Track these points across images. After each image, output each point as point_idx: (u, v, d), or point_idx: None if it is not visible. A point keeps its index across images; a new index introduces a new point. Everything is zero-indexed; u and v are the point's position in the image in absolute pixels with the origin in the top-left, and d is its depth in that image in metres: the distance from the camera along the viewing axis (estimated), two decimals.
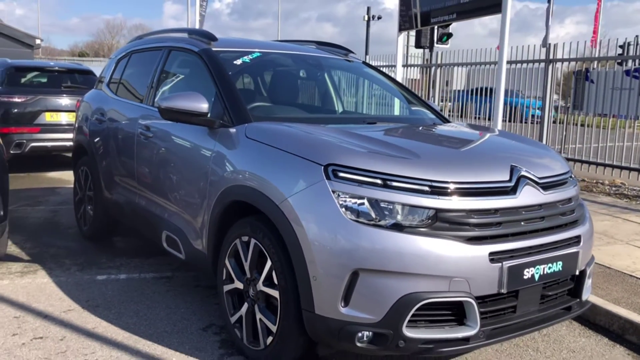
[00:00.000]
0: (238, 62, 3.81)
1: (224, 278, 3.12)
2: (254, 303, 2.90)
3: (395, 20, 8.91)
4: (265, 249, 2.79)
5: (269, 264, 2.77)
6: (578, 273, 2.89)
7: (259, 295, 2.86)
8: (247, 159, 3.06)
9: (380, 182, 2.53)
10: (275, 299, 2.74)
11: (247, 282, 2.95)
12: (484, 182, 2.67)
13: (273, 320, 2.78)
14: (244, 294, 2.98)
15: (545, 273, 2.69)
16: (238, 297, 3.06)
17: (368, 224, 2.47)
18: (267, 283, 2.81)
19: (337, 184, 2.54)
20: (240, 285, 3.00)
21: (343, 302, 2.48)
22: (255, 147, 3.02)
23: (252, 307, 2.92)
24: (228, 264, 3.07)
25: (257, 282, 2.86)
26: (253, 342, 2.93)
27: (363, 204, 2.50)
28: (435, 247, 2.44)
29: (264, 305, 2.85)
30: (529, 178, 2.77)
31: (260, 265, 2.84)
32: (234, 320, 3.06)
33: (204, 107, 3.24)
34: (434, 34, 12.38)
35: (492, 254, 2.52)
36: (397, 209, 2.50)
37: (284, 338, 2.75)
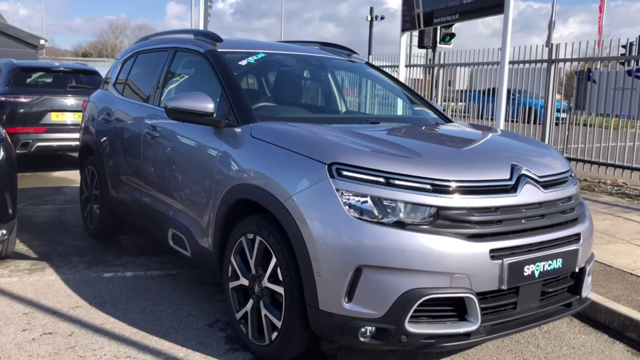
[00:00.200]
0: (243, 62, 3.86)
1: (230, 275, 3.17)
2: (259, 299, 2.95)
3: (398, 21, 8.96)
4: (270, 246, 2.84)
5: (274, 261, 2.82)
6: (578, 270, 2.94)
7: (264, 292, 2.91)
8: (252, 158, 3.11)
9: (383, 180, 2.58)
10: (280, 295, 2.80)
11: (252, 278, 3.01)
12: (485, 180, 2.72)
13: (278, 316, 2.83)
14: (249, 291, 3.03)
15: (545, 270, 2.73)
16: (243, 293, 3.11)
17: (371, 222, 2.52)
18: (272, 280, 2.86)
19: (340, 183, 2.59)
20: (246, 282, 3.05)
21: (347, 298, 2.54)
22: (261, 146, 3.08)
23: (257, 303, 2.97)
24: (234, 261, 3.13)
25: (262, 278, 2.92)
26: (258, 337, 2.99)
27: (366, 202, 2.55)
28: (437, 244, 2.49)
29: (269, 302, 2.91)
30: (530, 177, 2.82)
31: (266, 262, 2.90)
32: (240, 317, 3.11)
33: (210, 107, 3.29)
34: (437, 34, 12.42)
35: (492, 251, 2.57)
36: (399, 207, 2.54)
37: (289, 333, 2.80)
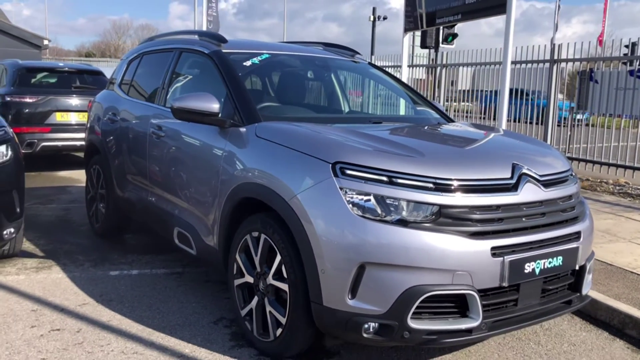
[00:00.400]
0: (247, 63, 3.91)
1: (235, 272, 3.22)
2: (264, 296, 3.00)
3: (401, 21, 8.99)
4: (275, 244, 2.88)
5: (279, 259, 2.86)
6: (578, 268, 2.98)
7: (269, 289, 2.96)
8: (257, 158, 3.16)
9: (386, 179, 2.62)
10: (285, 292, 2.84)
11: (257, 276, 3.05)
12: (486, 179, 2.76)
13: (282, 313, 2.88)
14: (254, 288, 3.08)
15: (546, 267, 2.77)
16: (248, 290, 3.15)
17: (374, 220, 2.56)
18: (276, 277, 2.90)
19: (344, 181, 2.64)
20: (251, 279, 3.10)
21: (350, 294, 2.58)
22: (265, 145, 3.12)
23: (262, 300, 3.02)
24: (239, 259, 3.17)
25: (267, 276, 2.96)
26: (263, 334, 3.03)
27: (369, 200, 2.59)
28: (439, 241, 2.53)
29: (274, 299, 2.95)
30: (530, 175, 2.86)
31: (270, 260, 2.94)
32: (244, 313, 3.16)
33: (215, 107, 3.34)
34: (440, 35, 12.47)
35: (494, 249, 2.61)
36: (402, 205, 2.59)
37: (293, 330, 2.84)
